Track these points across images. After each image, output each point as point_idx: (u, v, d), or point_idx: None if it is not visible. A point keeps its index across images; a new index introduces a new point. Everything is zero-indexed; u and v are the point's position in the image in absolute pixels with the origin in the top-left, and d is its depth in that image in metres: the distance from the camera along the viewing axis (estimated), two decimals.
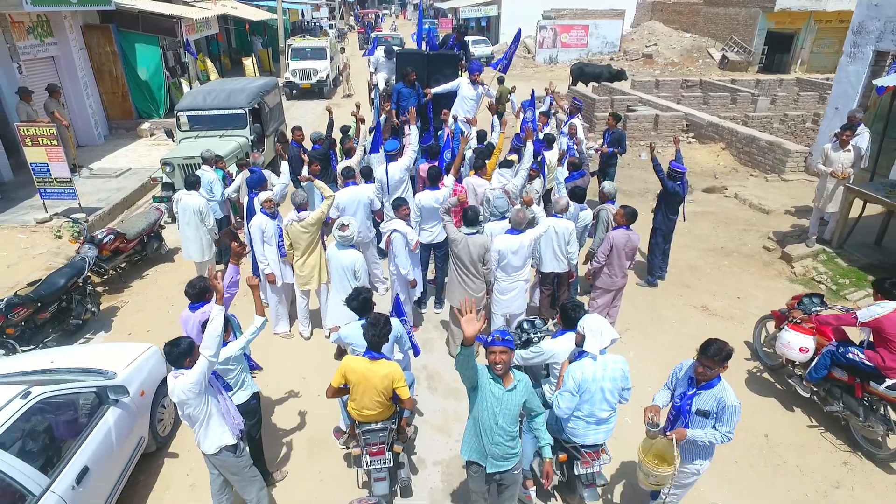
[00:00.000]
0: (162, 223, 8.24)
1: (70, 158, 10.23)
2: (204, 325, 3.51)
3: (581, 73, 19.09)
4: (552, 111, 9.89)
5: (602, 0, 32.05)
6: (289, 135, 8.55)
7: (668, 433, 3.55)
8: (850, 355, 4.69)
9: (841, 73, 9.81)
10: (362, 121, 8.50)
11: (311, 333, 6.43)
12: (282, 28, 23.06)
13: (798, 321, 5.18)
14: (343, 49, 23.89)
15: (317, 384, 5.57)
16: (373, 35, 27.73)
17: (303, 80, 19.43)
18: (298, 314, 6.37)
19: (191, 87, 14.98)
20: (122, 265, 7.73)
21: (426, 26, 26.72)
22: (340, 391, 3.84)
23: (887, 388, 4.48)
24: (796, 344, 5.08)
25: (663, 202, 7.10)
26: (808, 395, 5.14)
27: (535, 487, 4.30)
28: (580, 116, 9.27)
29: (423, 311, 6.84)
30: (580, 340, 3.75)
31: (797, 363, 5.28)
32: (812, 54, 26.42)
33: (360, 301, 4.20)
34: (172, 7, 15.95)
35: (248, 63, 21.32)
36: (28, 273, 7.35)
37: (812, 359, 5.09)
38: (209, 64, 18.92)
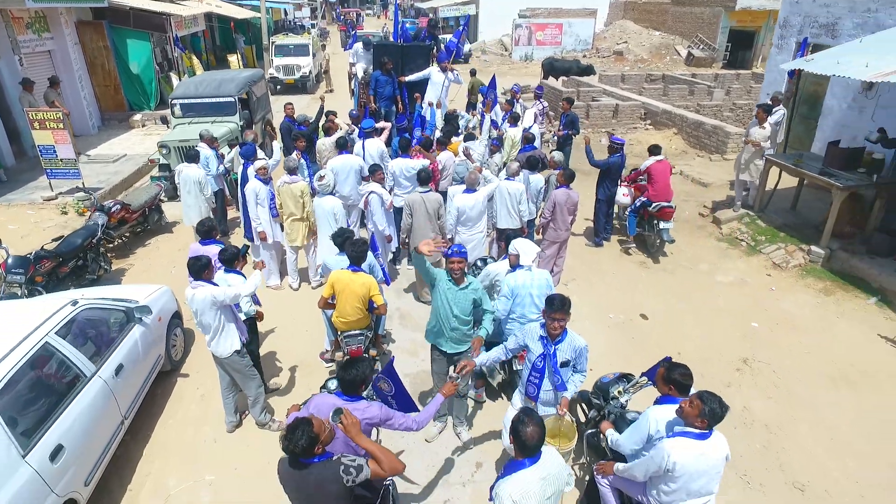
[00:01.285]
0: (162, 197, 9.11)
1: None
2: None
3: (552, 67, 20.26)
4: (516, 100, 10.97)
5: None
6: (278, 118, 9.44)
7: (557, 410, 3.84)
8: (637, 203, 8.11)
9: (771, 63, 11.03)
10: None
11: (299, 286, 7.38)
12: (265, 26, 23.85)
13: (629, 182, 8.59)
14: (324, 46, 24.74)
15: (304, 323, 6.54)
16: (352, 33, 28.60)
17: (286, 75, 20.28)
18: (288, 269, 7.32)
19: (180, 81, 15.75)
20: (127, 234, 8.59)
21: (407, 25, 27.70)
22: (329, 304, 4.82)
23: (652, 208, 7.85)
24: (621, 192, 8.43)
25: (604, 176, 8.24)
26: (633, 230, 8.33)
27: (484, 387, 5.33)
28: (542, 100, 10.49)
29: (397, 267, 7.83)
30: (514, 261, 4.78)
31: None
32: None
33: (342, 238, 5.18)
34: (162, 4, 16.71)
35: (234, 59, 22.09)
36: (39, 243, 8.15)
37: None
38: (195, 60, 19.65)
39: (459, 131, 8.66)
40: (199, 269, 4.37)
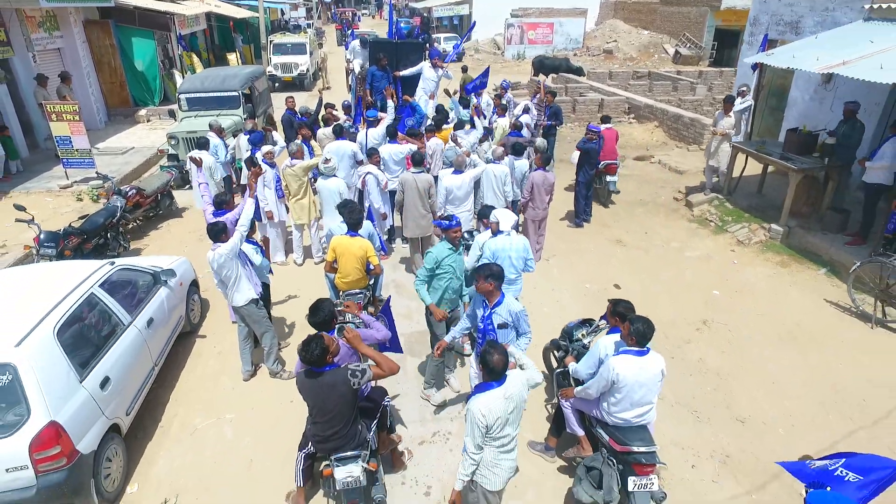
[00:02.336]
0: (172, 184, 9.76)
1: None
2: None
3: (542, 65, 20.97)
4: (507, 98, 11.65)
5: None
6: (278, 113, 10.11)
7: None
8: (593, 162, 9.00)
9: (742, 58, 11.74)
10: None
11: (303, 261, 8.05)
12: (263, 25, 24.46)
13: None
14: (321, 45, 25.36)
15: (308, 291, 7.20)
16: (349, 31, 29.27)
17: (284, 73, 20.89)
18: (293, 246, 8.00)
19: (183, 78, 16.36)
20: (141, 218, 9.23)
21: (402, 24, 28.25)
22: (333, 268, 5.50)
23: (601, 165, 9.28)
24: (575, 156, 9.33)
25: (584, 161, 8.94)
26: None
27: (469, 342, 6.02)
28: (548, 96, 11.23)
29: (393, 245, 8.51)
30: (495, 228, 5.47)
31: None
32: None
33: (344, 207, 5.85)
34: (165, 4, 17.31)
35: (233, 58, 22.70)
36: (59, 227, 8.77)
37: None
38: (195, 59, 20.25)
39: (448, 121, 9.35)
40: (217, 233, 5.02)
